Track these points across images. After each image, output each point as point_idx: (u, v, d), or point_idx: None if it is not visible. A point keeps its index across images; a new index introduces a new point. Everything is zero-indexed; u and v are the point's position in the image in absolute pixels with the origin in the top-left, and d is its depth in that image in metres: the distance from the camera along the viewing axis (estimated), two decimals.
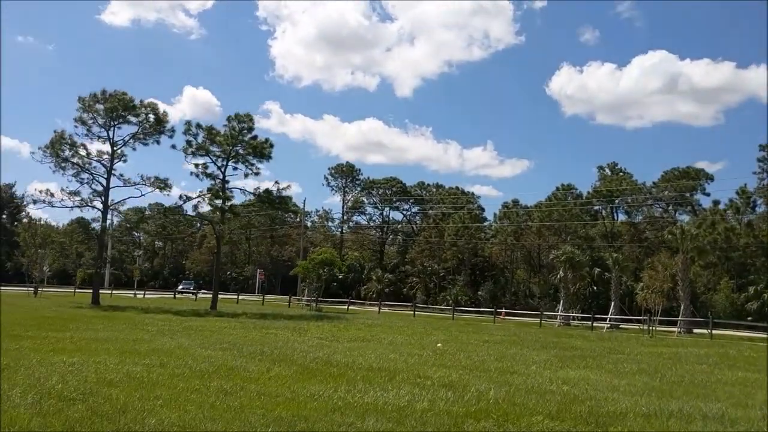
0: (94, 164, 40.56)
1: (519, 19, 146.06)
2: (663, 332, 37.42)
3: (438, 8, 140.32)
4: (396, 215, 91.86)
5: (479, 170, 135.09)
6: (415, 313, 49.86)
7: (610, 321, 42.71)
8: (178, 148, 40.92)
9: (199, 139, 40.83)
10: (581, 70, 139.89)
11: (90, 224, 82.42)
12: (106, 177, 40.60)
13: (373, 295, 69.79)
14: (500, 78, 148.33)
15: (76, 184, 40.50)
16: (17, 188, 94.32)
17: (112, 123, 40.47)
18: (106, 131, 40.56)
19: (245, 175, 42.55)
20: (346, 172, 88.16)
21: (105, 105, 39.90)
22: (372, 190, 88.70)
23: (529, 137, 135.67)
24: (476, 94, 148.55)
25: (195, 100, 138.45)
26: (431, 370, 13.56)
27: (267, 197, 42.47)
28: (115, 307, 36.23)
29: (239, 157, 41.42)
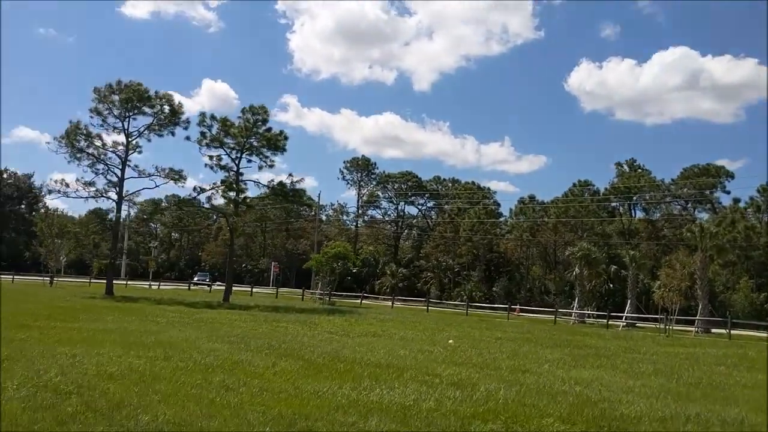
0: (109, 155, 40.68)
1: (538, 14, 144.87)
2: (680, 332, 36.88)
3: (457, 3, 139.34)
4: (411, 210, 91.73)
5: (496, 166, 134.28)
6: (428, 308, 49.62)
7: (626, 319, 42.19)
8: (192, 140, 40.75)
9: (213, 130, 40.60)
10: (601, 66, 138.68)
11: (107, 215, 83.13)
12: (120, 168, 40.67)
13: (387, 290, 69.57)
14: (518, 73, 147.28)
15: (91, 175, 40.62)
16: (37, 179, 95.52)
17: (127, 114, 40.44)
18: (121, 122, 40.60)
19: (259, 168, 42.24)
20: (361, 166, 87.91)
21: (120, 96, 39.85)
22: (387, 185, 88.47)
23: (546, 133, 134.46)
24: (494, 89, 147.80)
25: (213, 92, 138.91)
26: (441, 368, 13.26)
27: (281, 190, 42.23)
28: (128, 298, 36.26)
29: (253, 149, 41.12)
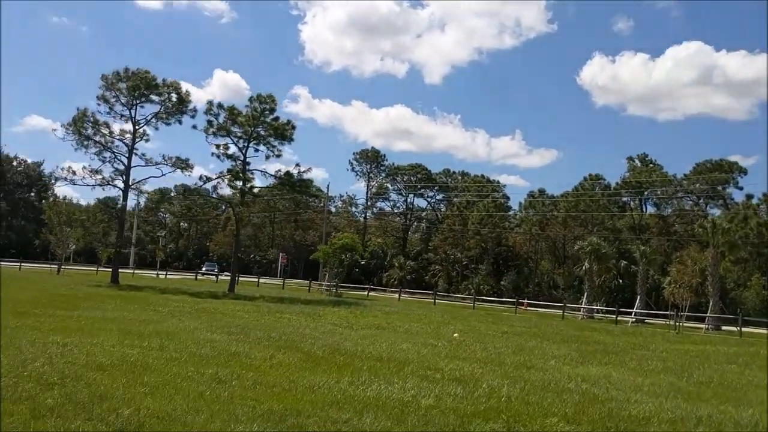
0: (116, 143, 40.45)
1: (551, 8, 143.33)
2: (690, 328, 36.41)
3: None
4: (420, 202, 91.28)
5: (507, 159, 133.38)
6: (435, 301, 49.24)
7: (635, 315, 41.70)
8: (198, 129, 40.52)
9: (220, 119, 40.21)
10: (613, 60, 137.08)
11: (116, 203, 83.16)
12: (127, 156, 40.45)
13: (395, 282, 69.22)
14: (531, 67, 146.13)
15: (98, 163, 40.44)
16: (48, 167, 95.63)
17: (135, 102, 40.20)
18: (129, 110, 40.36)
19: (266, 157, 41.84)
20: (371, 158, 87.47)
21: (127, 83, 39.59)
22: (397, 177, 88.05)
23: (558, 127, 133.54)
24: (506, 83, 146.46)
25: (225, 83, 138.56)
26: (443, 362, 12.90)
27: (288, 180, 41.90)
28: (133, 287, 36.08)
29: (260, 139, 40.72)
